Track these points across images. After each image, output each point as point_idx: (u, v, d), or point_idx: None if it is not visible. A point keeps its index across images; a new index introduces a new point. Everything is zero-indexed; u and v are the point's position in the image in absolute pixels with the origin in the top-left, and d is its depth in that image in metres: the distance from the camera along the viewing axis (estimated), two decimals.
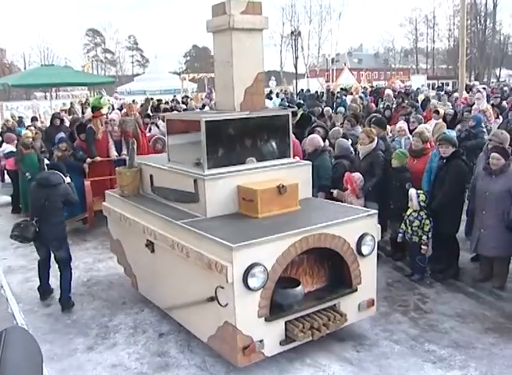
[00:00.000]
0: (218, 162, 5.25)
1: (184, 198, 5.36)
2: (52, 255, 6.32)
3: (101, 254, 8.14)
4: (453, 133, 7.24)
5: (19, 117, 17.48)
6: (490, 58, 59.46)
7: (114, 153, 9.60)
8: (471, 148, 8.57)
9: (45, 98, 32.64)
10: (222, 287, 4.28)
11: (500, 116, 11.23)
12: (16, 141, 11.33)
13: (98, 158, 9.40)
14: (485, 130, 9.07)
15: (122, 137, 9.78)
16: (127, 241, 6.24)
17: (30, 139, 10.39)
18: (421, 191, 6.53)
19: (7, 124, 14.59)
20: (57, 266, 6.27)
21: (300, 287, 4.71)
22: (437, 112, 10.61)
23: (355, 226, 4.93)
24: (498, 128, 9.58)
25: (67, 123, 13.34)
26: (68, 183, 6.41)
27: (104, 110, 9.82)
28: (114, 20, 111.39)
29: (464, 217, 6.63)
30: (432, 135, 7.81)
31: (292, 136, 6.06)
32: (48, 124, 14.76)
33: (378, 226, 5.22)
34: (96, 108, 9.82)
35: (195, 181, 5.11)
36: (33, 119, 15.74)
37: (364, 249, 4.98)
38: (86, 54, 75.94)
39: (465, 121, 9.33)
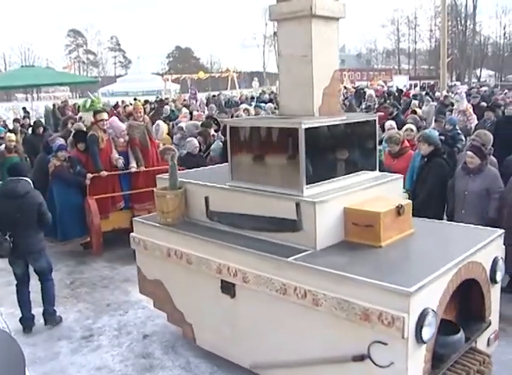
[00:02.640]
0: (314, 179, 4.26)
1: (273, 227, 4.28)
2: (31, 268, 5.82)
3: (84, 256, 8.06)
4: (434, 133, 7.30)
5: (3, 121, 17.30)
6: (471, 59, 60.19)
7: (119, 161, 8.05)
8: (452, 153, 8.56)
9: (26, 100, 32.34)
10: (384, 343, 3.36)
11: (474, 115, 11.34)
12: None
13: (105, 173, 7.83)
14: (460, 131, 9.13)
15: (128, 147, 8.26)
16: (177, 282, 5.01)
17: (14, 142, 10.22)
18: (404, 190, 6.57)
19: None
20: (38, 278, 5.87)
21: (461, 332, 3.90)
22: (414, 111, 10.74)
23: (490, 249, 4.21)
24: (475, 127, 9.66)
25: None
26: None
27: (105, 115, 8.24)
28: (95, 21, 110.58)
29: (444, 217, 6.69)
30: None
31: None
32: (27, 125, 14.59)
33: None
34: (97, 113, 8.25)
35: (297, 205, 4.06)
36: (16, 120, 15.57)
37: (499, 275, 4.27)
38: (67, 55, 75.56)
39: (440, 121, 9.37)
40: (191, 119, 13.38)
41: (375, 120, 4.90)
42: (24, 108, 21.83)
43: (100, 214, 7.64)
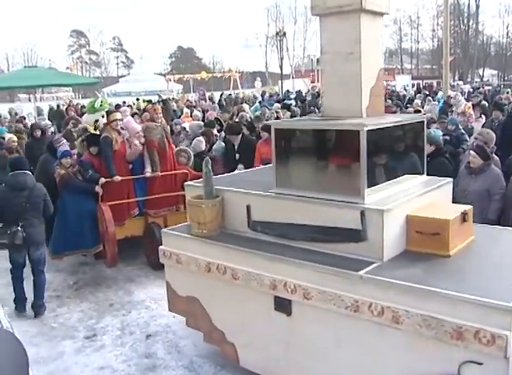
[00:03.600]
0: (371, 184, 3.89)
1: (332, 237, 3.92)
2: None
3: (87, 256, 8.07)
4: (438, 133, 7.29)
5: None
6: (473, 59, 60.15)
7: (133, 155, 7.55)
8: (455, 154, 8.53)
9: (29, 100, 32.42)
10: (479, 363, 3.06)
11: (483, 115, 11.29)
12: None
13: (118, 178, 7.19)
14: (463, 131, 9.11)
15: (144, 150, 7.59)
16: (217, 299, 4.53)
17: (15, 143, 10.22)
18: None
19: None
20: (31, 270, 6.05)
21: None
22: (418, 111, 10.73)
23: None
24: (482, 127, 9.64)
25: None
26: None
27: (118, 115, 7.73)
28: (98, 21, 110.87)
29: None
30: None
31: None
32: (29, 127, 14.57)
33: None
34: (110, 113, 7.78)
35: (362, 213, 3.72)
36: (18, 121, 15.61)
37: None
38: (70, 55, 75.81)
39: (442, 123, 9.36)
40: (203, 119, 13.36)
41: (423, 122, 4.62)
42: (10, 111, 21.54)
43: (114, 221, 7.05)
